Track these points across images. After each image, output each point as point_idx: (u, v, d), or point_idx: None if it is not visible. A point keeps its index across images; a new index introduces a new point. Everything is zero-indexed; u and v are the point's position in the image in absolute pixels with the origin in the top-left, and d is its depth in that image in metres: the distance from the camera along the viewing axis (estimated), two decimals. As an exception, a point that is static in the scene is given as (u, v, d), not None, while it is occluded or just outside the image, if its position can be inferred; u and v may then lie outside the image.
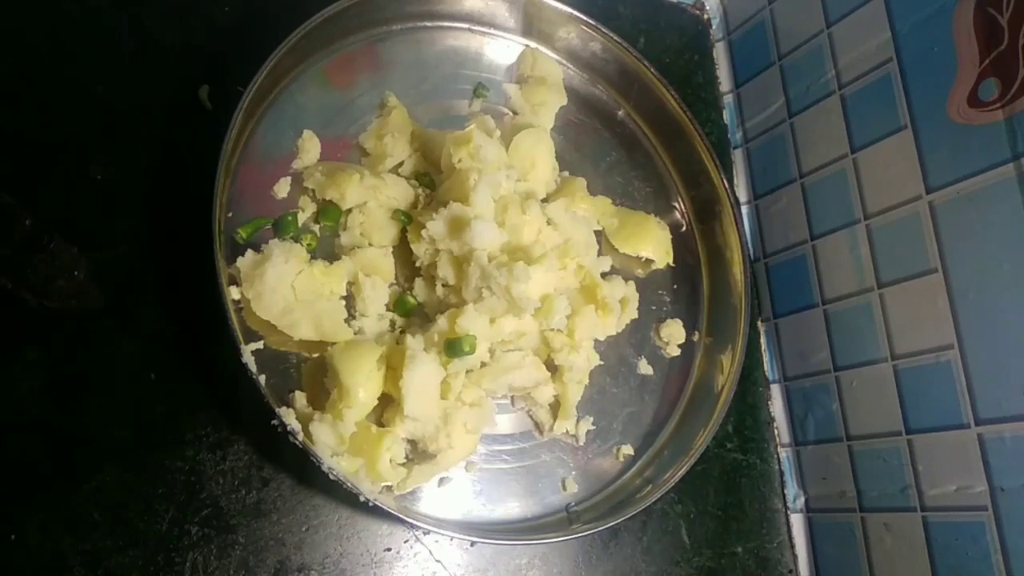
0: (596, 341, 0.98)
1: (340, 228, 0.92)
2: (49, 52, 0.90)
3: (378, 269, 0.91)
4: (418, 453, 0.86)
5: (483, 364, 0.88)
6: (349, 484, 0.77)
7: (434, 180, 0.96)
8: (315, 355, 0.88)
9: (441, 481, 0.89)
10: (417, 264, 0.92)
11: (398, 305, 0.91)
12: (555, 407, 0.95)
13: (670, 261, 1.09)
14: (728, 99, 1.31)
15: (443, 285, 0.89)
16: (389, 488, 0.85)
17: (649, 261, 1.08)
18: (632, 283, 1.04)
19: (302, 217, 0.90)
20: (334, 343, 0.86)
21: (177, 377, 0.84)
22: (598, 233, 1.05)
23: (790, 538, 1.10)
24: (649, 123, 1.17)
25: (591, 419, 0.99)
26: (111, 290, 0.83)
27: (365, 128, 0.99)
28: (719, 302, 1.10)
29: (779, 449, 1.14)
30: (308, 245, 0.89)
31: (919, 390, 0.93)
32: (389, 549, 0.87)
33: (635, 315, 1.04)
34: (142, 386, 0.83)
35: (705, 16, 1.36)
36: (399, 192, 0.93)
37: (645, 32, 1.27)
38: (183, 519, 0.80)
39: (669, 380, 1.07)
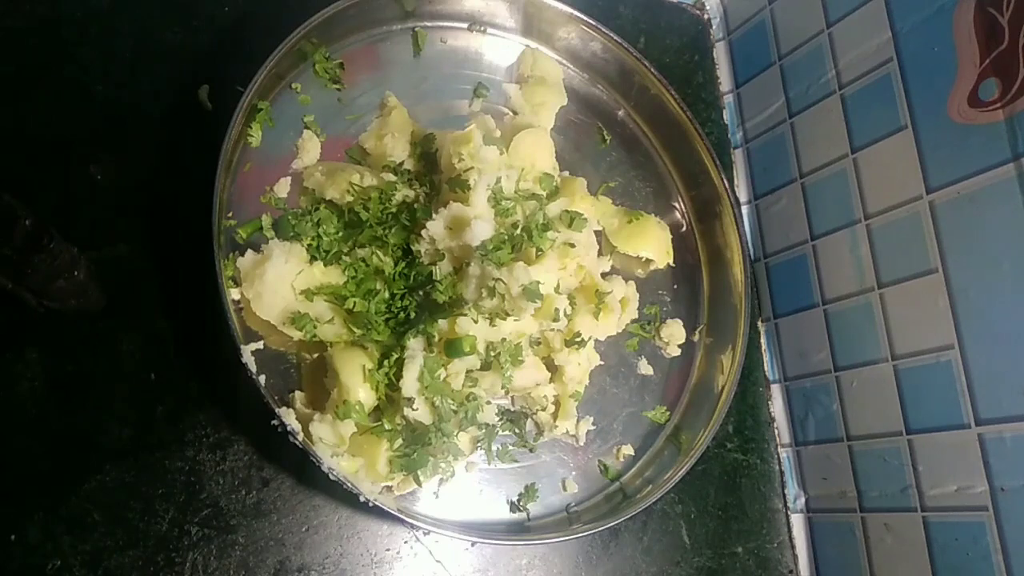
0: (596, 341, 0.98)
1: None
2: (49, 52, 0.90)
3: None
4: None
5: (484, 364, 0.88)
6: (349, 484, 0.77)
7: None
8: (315, 355, 0.88)
9: (441, 481, 0.89)
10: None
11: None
12: (555, 407, 0.95)
13: (670, 261, 1.09)
14: (728, 99, 1.31)
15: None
16: (389, 488, 0.85)
17: (649, 261, 1.08)
18: (632, 283, 1.04)
19: (302, 217, 0.90)
20: (334, 343, 0.86)
21: (177, 377, 0.84)
22: (598, 233, 1.05)
23: (790, 538, 1.10)
24: (649, 123, 1.17)
25: (591, 419, 0.99)
26: (111, 290, 0.83)
27: (365, 128, 0.99)
28: (719, 302, 1.10)
29: (779, 449, 1.14)
30: (308, 245, 0.88)
31: (919, 390, 0.93)
32: (389, 549, 0.87)
33: (635, 315, 1.04)
34: (142, 386, 0.83)
35: (705, 16, 1.36)
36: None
37: (645, 32, 1.27)
38: (183, 519, 0.80)
39: (669, 380, 1.07)
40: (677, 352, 1.08)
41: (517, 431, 0.95)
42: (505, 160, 0.96)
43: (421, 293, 0.87)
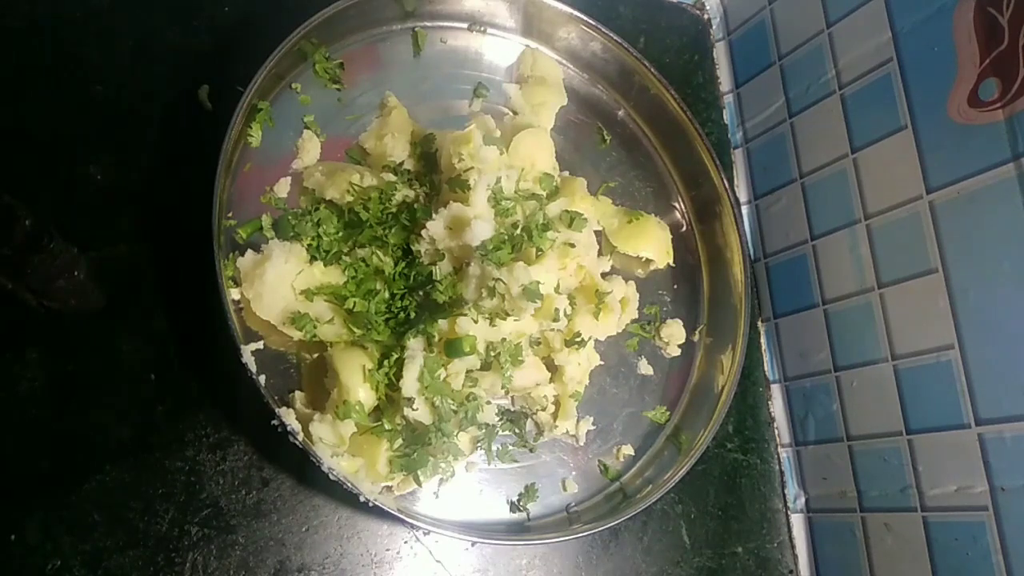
0: (596, 341, 0.98)
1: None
2: (49, 52, 0.90)
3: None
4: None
5: (484, 364, 0.88)
6: (349, 484, 0.77)
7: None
8: (315, 355, 0.88)
9: (441, 481, 0.89)
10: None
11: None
12: (555, 407, 0.95)
13: (670, 261, 1.09)
14: (728, 99, 1.31)
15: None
16: (389, 488, 0.85)
17: (649, 261, 1.08)
18: (632, 283, 1.04)
19: (302, 217, 0.90)
20: (334, 343, 0.86)
21: (177, 377, 0.84)
22: (598, 233, 1.05)
23: (790, 538, 1.10)
24: (649, 123, 1.17)
25: (591, 419, 0.99)
26: (111, 290, 0.83)
27: (365, 128, 0.99)
28: (719, 302, 1.10)
29: (779, 449, 1.14)
30: (308, 245, 0.88)
31: (919, 390, 0.93)
32: (389, 549, 0.87)
33: (635, 315, 1.04)
34: (142, 386, 0.83)
35: (705, 16, 1.36)
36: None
37: (645, 32, 1.27)
38: (183, 519, 0.80)
39: (669, 380, 1.07)
40: (677, 352, 1.08)
41: (517, 431, 0.95)
42: (505, 160, 0.96)
43: (421, 293, 0.87)
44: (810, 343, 1.10)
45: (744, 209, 1.24)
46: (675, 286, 1.12)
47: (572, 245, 0.92)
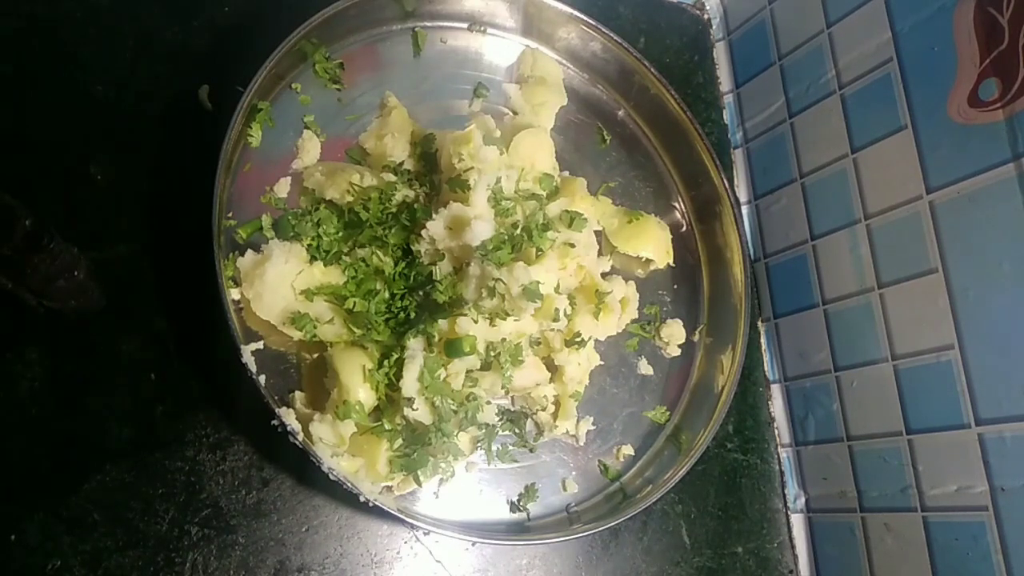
0: (596, 341, 0.98)
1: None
2: (49, 52, 0.90)
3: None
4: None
5: (484, 364, 0.88)
6: (349, 484, 0.77)
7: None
8: (315, 355, 0.88)
9: (441, 481, 0.89)
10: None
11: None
12: (555, 407, 0.95)
13: (670, 261, 1.09)
14: (728, 99, 1.31)
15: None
16: (389, 488, 0.85)
17: (649, 261, 1.08)
18: (632, 283, 1.04)
19: (302, 217, 0.90)
20: (334, 343, 0.86)
21: (177, 377, 0.84)
22: (598, 233, 1.05)
23: (790, 538, 1.10)
24: (649, 123, 1.17)
25: (591, 419, 0.99)
26: (111, 290, 0.83)
27: (365, 128, 0.99)
28: (719, 302, 1.10)
29: (779, 449, 1.14)
30: (308, 245, 0.88)
31: (919, 390, 0.93)
32: (389, 549, 0.87)
33: (635, 315, 1.04)
34: (142, 386, 0.83)
35: (705, 16, 1.36)
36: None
37: (645, 32, 1.27)
38: (183, 519, 0.80)
39: (669, 380, 1.07)
40: (677, 352, 1.08)
41: (517, 431, 0.95)
42: (505, 160, 0.96)
43: (421, 293, 0.87)
44: (810, 343, 1.10)
45: (744, 209, 1.24)
46: (675, 286, 1.12)
47: (572, 245, 0.92)
